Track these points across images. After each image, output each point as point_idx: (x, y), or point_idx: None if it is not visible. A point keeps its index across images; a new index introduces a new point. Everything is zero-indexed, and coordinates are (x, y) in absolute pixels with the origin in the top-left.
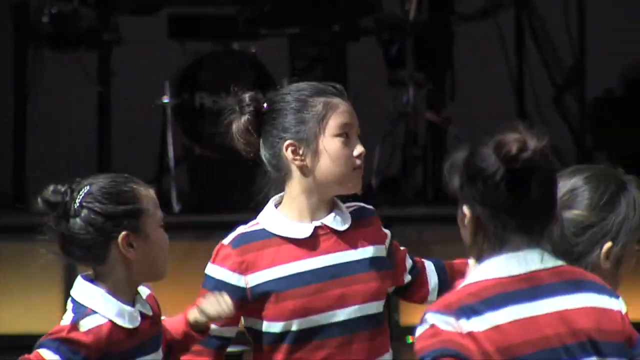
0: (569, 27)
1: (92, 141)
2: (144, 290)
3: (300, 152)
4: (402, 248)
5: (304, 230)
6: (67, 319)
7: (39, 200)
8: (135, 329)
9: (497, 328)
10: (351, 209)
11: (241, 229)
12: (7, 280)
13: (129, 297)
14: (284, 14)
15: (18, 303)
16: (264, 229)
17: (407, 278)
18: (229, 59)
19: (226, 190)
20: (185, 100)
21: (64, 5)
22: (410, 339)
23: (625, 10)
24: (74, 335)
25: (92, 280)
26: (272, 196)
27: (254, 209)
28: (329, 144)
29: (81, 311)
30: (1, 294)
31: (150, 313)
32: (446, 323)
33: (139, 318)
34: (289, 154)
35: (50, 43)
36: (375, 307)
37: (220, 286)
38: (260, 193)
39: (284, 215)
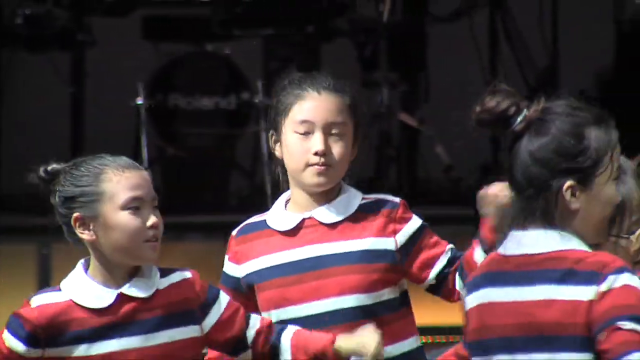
0: (542, 28)
1: (65, 142)
2: (180, 275)
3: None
4: (436, 249)
5: (289, 221)
6: None
7: (36, 176)
8: (106, 309)
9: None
10: (366, 201)
11: (249, 219)
12: None
13: (109, 278)
14: (258, 15)
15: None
16: (264, 220)
17: (431, 276)
18: (202, 60)
19: (199, 191)
20: (159, 102)
21: (38, 7)
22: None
23: (598, 10)
24: (23, 310)
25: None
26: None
27: (227, 210)
28: (288, 137)
29: (51, 288)
30: None
31: (142, 295)
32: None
33: (111, 299)
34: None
35: (23, 44)
36: (355, 300)
37: (225, 278)
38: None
39: (283, 208)
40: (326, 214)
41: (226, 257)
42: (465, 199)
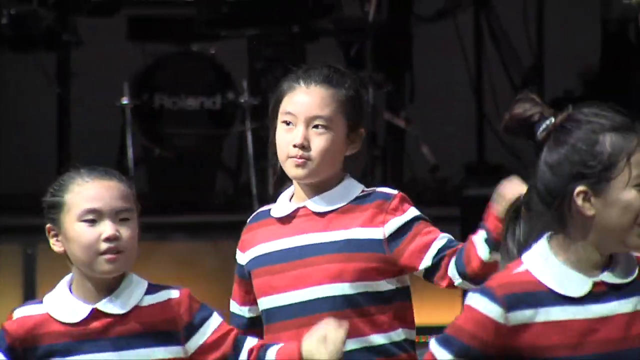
0: (528, 27)
1: (51, 142)
2: (167, 293)
3: None
4: (431, 235)
5: (285, 209)
6: None
7: None
8: (79, 324)
9: None
10: (363, 193)
11: (262, 208)
12: None
13: (86, 292)
14: (243, 15)
15: None
16: (269, 209)
17: (427, 259)
18: (188, 61)
19: (185, 191)
20: (144, 102)
21: (23, 7)
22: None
23: (584, 11)
24: (6, 322)
25: None
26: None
27: (213, 210)
28: (278, 127)
29: (34, 300)
30: None
31: (117, 311)
32: None
33: (84, 314)
34: None
35: (9, 44)
36: (338, 289)
37: (237, 267)
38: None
39: (288, 197)
40: (318, 204)
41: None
42: (451, 199)
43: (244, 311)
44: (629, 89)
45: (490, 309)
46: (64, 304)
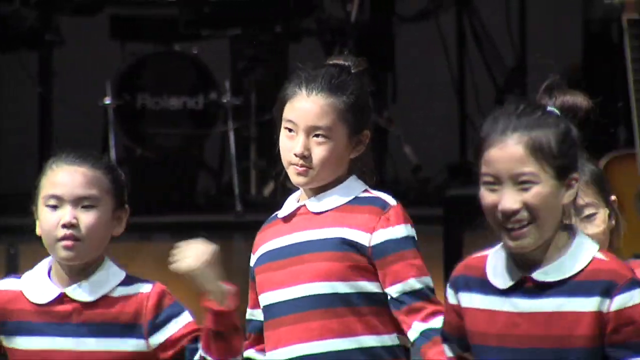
0: (510, 28)
1: (33, 142)
2: (138, 287)
3: None
4: (408, 270)
5: (288, 209)
6: None
7: None
8: (45, 306)
9: None
10: (364, 195)
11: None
12: None
13: (60, 275)
14: (226, 15)
15: None
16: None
17: (390, 292)
18: (170, 60)
19: (167, 191)
20: (127, 101)
21: (5, 6)
22: None
23: (566, 11)
24: None
25: None
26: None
27: (195, 210)
28: (281, 132)
29: (15, 275)
30: None
31: (84, 299)
32: None
33: (51, 297)
34: None
35: None
36: (329, 286)
37: (250, 272)
38: None
39: (295, 198)
40: (316, 203)
41: None
42: (433, 200)
43: (257, 315)
44: (612, 89)
45: (448, 290)
46: (37, 284)
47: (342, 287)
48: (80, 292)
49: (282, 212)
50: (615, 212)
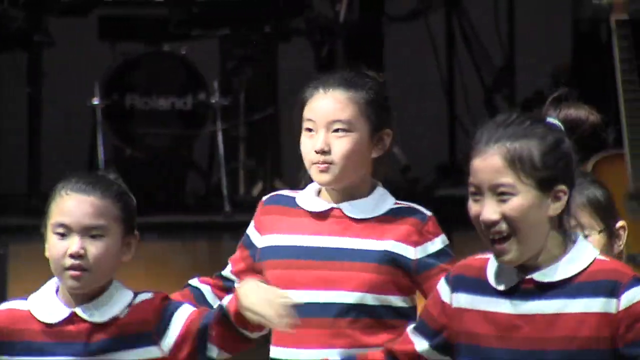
0: (499, 28)
1: (22, 142)
2: (142, 296)
3: None
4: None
5: (319, 206)
6: None
7: None
8: (56, 326)
9: None
10: (397, 206)
11: (280, 191)
12: None
13: (67, 295)
14: (215, 15)
15: None
16: (294, 198)
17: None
18: (159, 61)
19: (156, 191)
20: (115, 102)
21: None
22: None
23: (555, 11)
24: None
25: None
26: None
27: (184, 211)
28: (302, 134)
29: (20, 297)
30: None
31: (94, 320)
32: None
33: (62, 316)
34: None
35: None
36: (363, 297)
37: (245, 239)
38: None
39: (315, 194)
40: (354, 208)
41: (252, 220)
42: (422, 200)
43: (235, 280)
44: (600, 90)
45: (442, 286)
46: (46, 303)
47: (374, 300)
48: (90, 314)
49: (308, 206)
50: (620, 239)
